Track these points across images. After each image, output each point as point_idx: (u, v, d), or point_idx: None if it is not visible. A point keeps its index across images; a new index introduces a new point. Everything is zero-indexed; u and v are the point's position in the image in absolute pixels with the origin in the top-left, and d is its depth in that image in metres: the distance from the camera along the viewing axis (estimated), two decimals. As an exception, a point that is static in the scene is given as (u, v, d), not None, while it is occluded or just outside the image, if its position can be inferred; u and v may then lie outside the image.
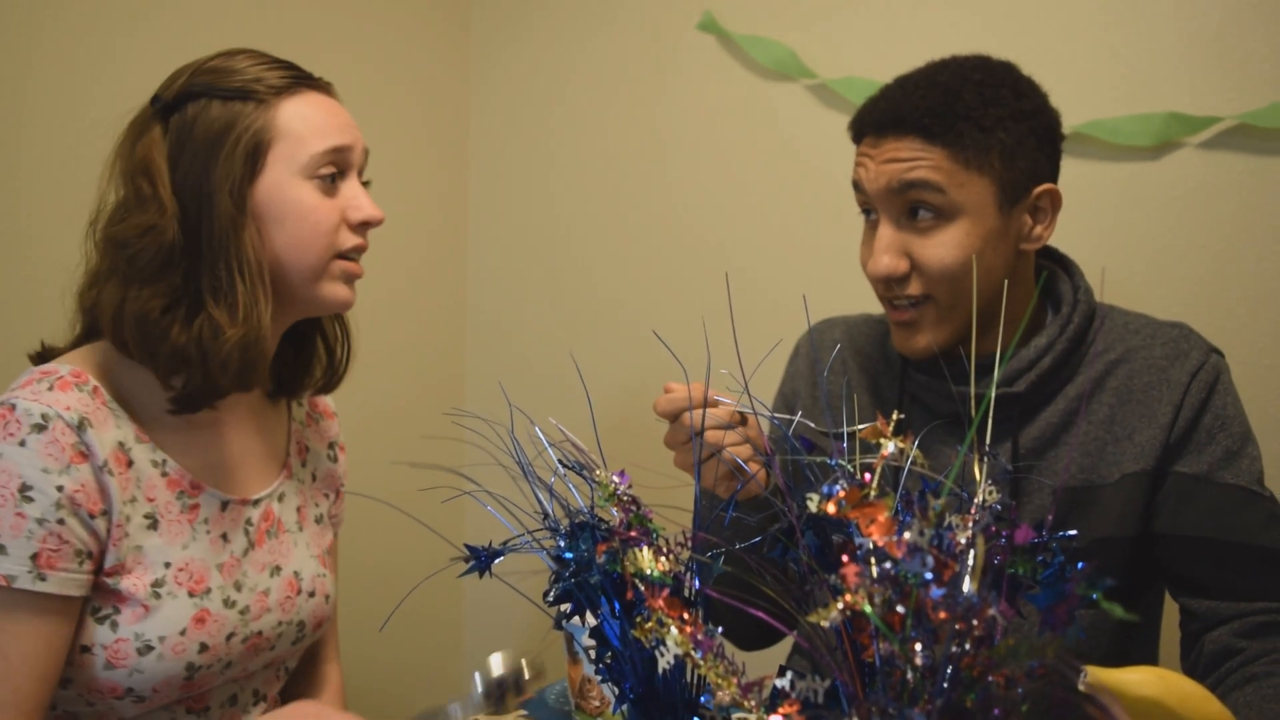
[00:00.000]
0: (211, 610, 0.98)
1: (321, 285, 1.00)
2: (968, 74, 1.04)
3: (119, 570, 0.93)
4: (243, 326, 0.94)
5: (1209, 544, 1.03)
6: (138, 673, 0.93)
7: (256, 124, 0.95)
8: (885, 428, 0.68)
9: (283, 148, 0.97)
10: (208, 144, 0.94)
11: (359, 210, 1.00)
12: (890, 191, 1.04)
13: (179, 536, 0.97)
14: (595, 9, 2.00)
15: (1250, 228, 1.39)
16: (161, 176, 0.94)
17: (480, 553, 0.76)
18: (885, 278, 1.06)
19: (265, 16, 1.77)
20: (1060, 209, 1.08)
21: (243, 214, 0.95)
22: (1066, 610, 0.58)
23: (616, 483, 0.73)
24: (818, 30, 1.72)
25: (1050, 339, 1.08)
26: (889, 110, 1.05)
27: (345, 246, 1.00)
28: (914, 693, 0.58)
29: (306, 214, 0.97)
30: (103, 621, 0.93)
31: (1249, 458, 1.05)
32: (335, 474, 1.21)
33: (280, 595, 1.06)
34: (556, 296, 2.11)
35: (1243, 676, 0.97)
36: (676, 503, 0.77)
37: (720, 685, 0.62)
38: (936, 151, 1.02)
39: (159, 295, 0.93)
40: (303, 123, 0.97)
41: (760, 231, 1.82)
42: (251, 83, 0.96)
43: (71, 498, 0.88)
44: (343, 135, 1.00)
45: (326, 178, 0.98)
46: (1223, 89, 1.38)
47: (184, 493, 0.99)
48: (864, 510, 0.60)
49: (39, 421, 0.88)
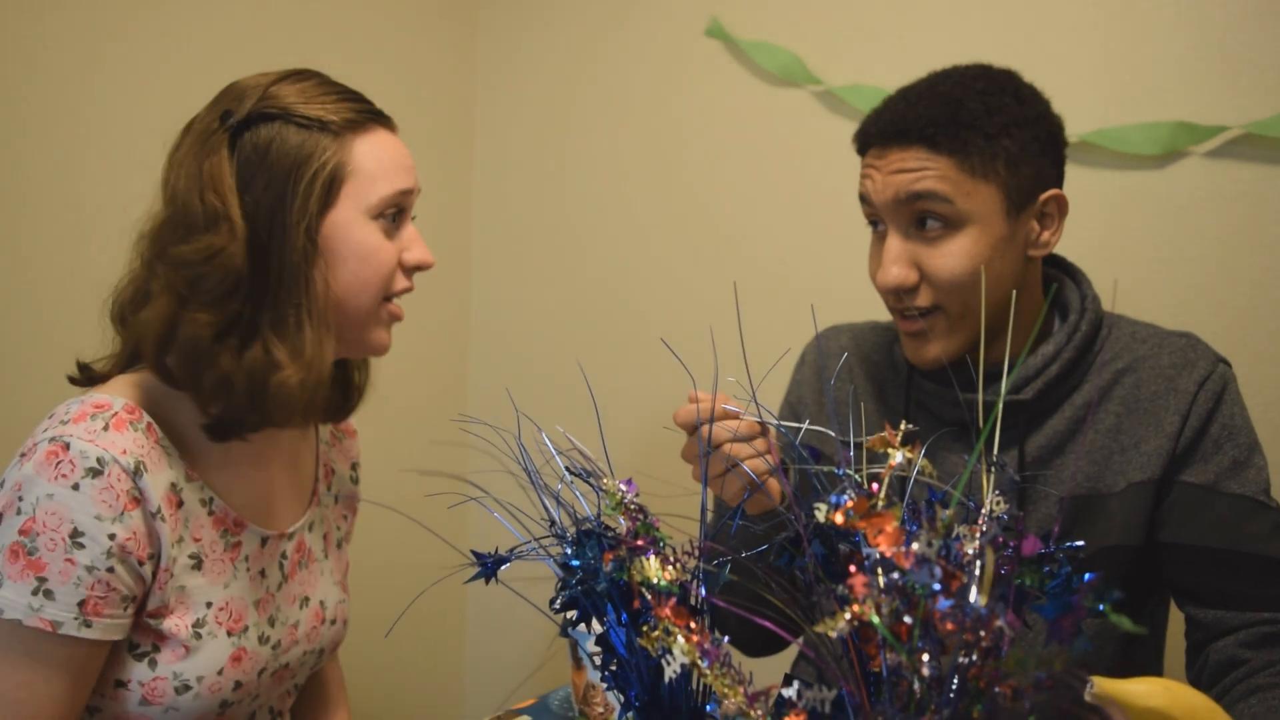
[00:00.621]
0: (248, 649, 0.97)
1: (370, 328, 0.98)
2: (970, 83, 1.04)
3: (162, 612, 0.91)
4: (306, 367, 0.91)
5: (1215, 554, 1.03)
6: (173, 710, 0.92)
7: (336, 157, 0.92)
8: (893, 437, 0.68)
9: (355, 185, 0.94)
10: (284, 171, 0.91)
11: (413, 254, 0.99)
12: (897, 202, 1.04)
13: (221, 576, 0.96)
14: (602, 15, 2.00)
15: (1256, 237, 1.39)
16: (233, 197, 0.89)
17: (486, 559, 0.76)
18: (895, 289, 1.06)
19: (271, 17, 1.78)
20: (1067, 214, 1.08)
21: (315, 248, 0.91)
22: (1073, 622, 0.57)
23: (624, 491, 0.73)
24: (824, 37, 1.72)
25: (1058, 347, 1.08)
26: (893, 121, 1.05)
27: (397, 289, 0.99)
28: (920, 703, 0.58)
29: (370, 255, 0.95)
30: (141, 659, 0.91)
31: (1256, 468, 1.05)
32: (355, 495, 1.20)
33: (308, 627, 1.05)
34: (562, 303, 2.12)
35: (1248, 688, 0.97)
36: (684, 511, 0.77)
37: (726, 694, 0.62)
38: (942, 161, 1.02)
39: (215, 321, 0.89)
40: (376, 163, 0.95)
41: (766, 237, 1.82)
42: (329, 113, 0.93)
43: (123, 545, 0.86)
44: (409, 178, 0.98)
45: (390, 218, 0.97)
46: (1230, 98, 1.39)
47: (228, 531, 0.97)
48: (872, 520, 0.60)
49: (94, 466, 0.85)
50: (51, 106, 1.49)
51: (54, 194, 1.49)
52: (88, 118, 1.52)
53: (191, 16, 1.65)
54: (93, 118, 1.52)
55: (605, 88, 2.02)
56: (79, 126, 1.51)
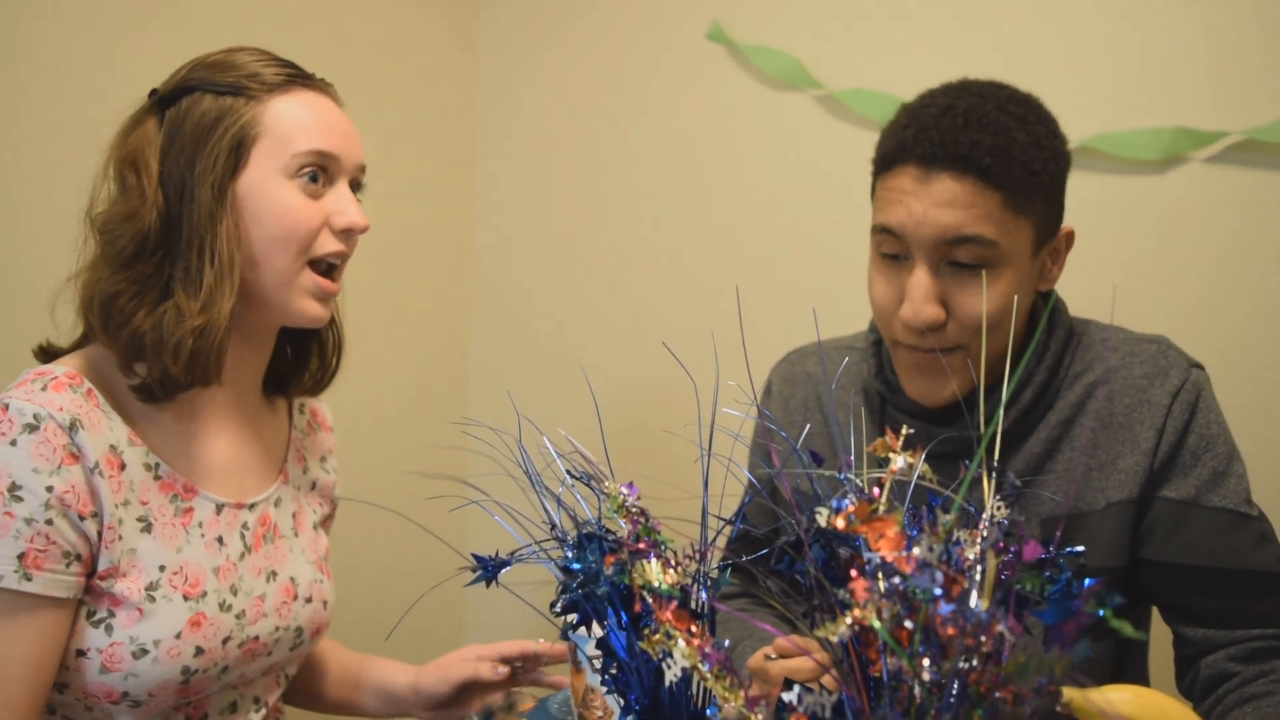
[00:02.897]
0: (207, 614, 0.97)
1: (292, 295, 0.99)
2: (1010, 109, 0.98)
3: (113, 573, 0.93)
4: (202, 316, 0.93)
5: (1200, 571, 1.01)
6: (133, 676, 0.93)
7: (244, 118, 0.96)
8: (894, 442, 0.68)
9: (267, 144, 0.96)
10: (195, 136, 0.95)
11: (342, 215, 1.00)
12: (940, 242, 0.97)
13: (173, 540, 0.97)
14: (603, 19, 2.01)
15: (1256, 242, 1.39)
16: (148, 167, 0.95)
17: (487, 562, 0.76)
18: (923, 328, 1.00)
19: (270, 19, 1.78)
20: (1072, 247, 1.07)
21: (221, 207, 0.95)
22: (1074, 627, 0.57)
23: (625, 494, 0.73)
24: (825, 41, 1.73)
25: (1029, 370, 1.05)
26: (942, 145, 0.96)
27: (323, 250, 1.00)
28: (921, 708, 0.58)
29: (284, 214, 0.97)
30: (98, 625, 0.93)
31: (1235, 476, 1.03)
32: (329, 485, 1.21)
33: (276, 600, 1.05)
34: (563, 306, 2.12)
35: (1240, 697, 0.96)
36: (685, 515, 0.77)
37: (727, 698, 0.62)
38: (992, 197, 0.95)
39: (132, 281, 0.94)
40: (291, 121, 0.97)
41: (767, 242, 1.82)
42: (246, 78, 0.97)
43: (61, 498, 0.88)
44: (330, 141, 0.99)
45: (309, 178, 0.98)
46: (1230, 104, 1.39)
47: (177, 496, 0.99)
48: (873, 525, 0.60)
49: (31, 421, 0.88)
50: (51, 106, 1.49)
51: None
52: (86, 115, 1.52)
53: (191, 16, 1.66)
54: (88, 115, 1.52)
55: (607, 92, 2.02)
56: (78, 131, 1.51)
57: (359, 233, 1.01)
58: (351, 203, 1.01)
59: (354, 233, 1.01)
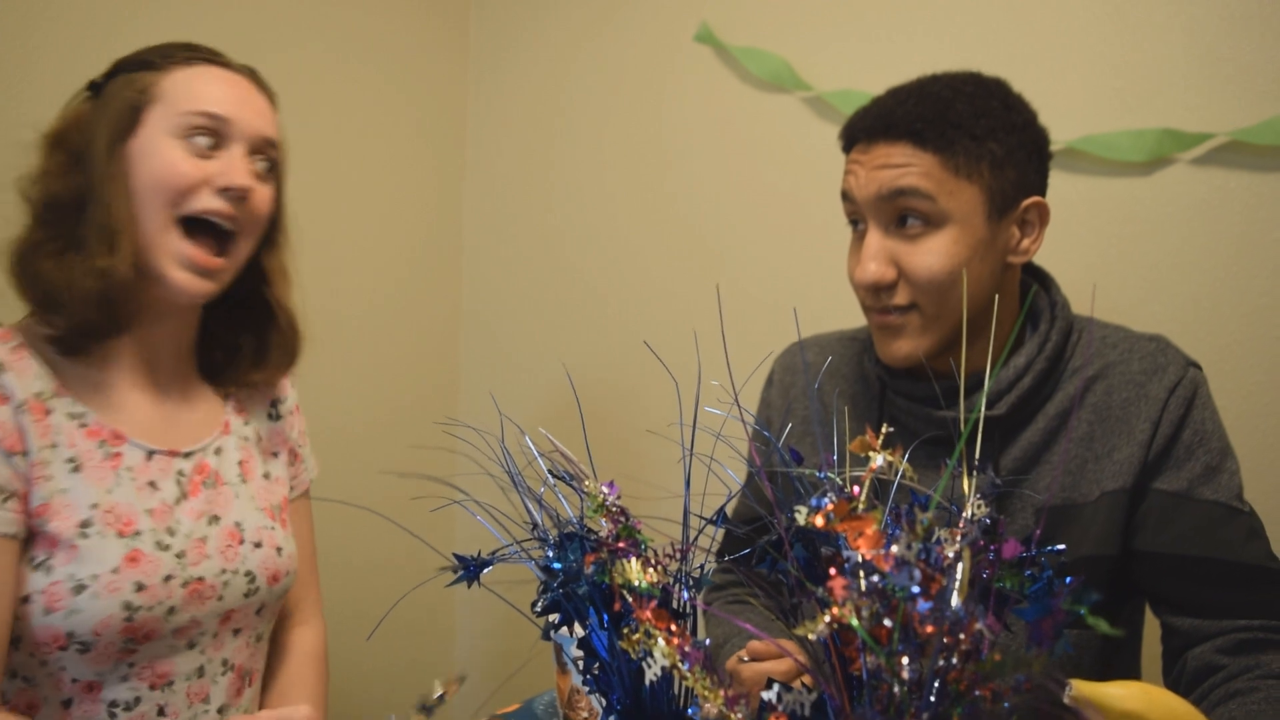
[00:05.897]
0: (145, 551, 1.00)
1: (163, 262, 1.02)
2: (960, 86, 1.05)
3: (45, 511, 0.96)
4: (102, 261, 0.98)
5: (1190, 562, 1.03)
6: (74, 613, 0.95)
7: (142, 85, 1.02)
8: (874, 440, 0.68)
9: (159, 109, 1.02)
10: (103, 106, 1.02)
11: (223, 175, 1.03)
12: (880, 199, 1.04)
13: (103, 481, 1.01)
14: (592, 19, 2.01)
15: (1243, 244, 1.39)
16: (67, 139, 1.02)
17: (469, 562, 0.75)
18: (872, 285, 1.06)
19: (262, 20, 1.78)
20: (1048, 223, 1.08)
21: (111, 166, 1.00)
22: (1053, 625, 0.58)
23: (606, 494, 0.73)
24: (813, 43, 1.73)
25: (1029, 358, 1.08)
26: (880, 117, 1.05)
27: (199, 206, 1.02)
28: (901, 706, 0.58)
29: (163, 169, 1.01)
30: (38, 568, 0.96)
31: (1228, 472, 1.05)
32: (281, 432, 1.23)
33: (220, 543, 1.07)
34: (550, 306, 2.12)
35: (1226, 692, 0.97)
36: (665, 514, 0.77)
37: (707, 697, 0.62)
38: (927, 158, 1.02)
39: (47, 239, 1.00)
40: (184, 88, 1.03)
41: (753, 242, 1.83)
42: (157, 55, 1.03)
43: None
44: (223, 106, 1.03)
45: (196, 140, 1.02)
46: (1216, 105, 1.39)
47: (105, 442, 1.03)
48: (852, 523, 0.60)
49: None
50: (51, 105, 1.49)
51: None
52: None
53: (191, 17, 1.66)
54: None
55: (596, 93, 2.02)
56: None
57: (239, 195, 1.03)
58: (239, 164, 1.04)
59: (234, 193, 1.03)
